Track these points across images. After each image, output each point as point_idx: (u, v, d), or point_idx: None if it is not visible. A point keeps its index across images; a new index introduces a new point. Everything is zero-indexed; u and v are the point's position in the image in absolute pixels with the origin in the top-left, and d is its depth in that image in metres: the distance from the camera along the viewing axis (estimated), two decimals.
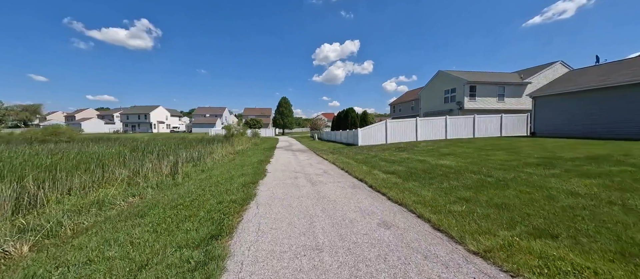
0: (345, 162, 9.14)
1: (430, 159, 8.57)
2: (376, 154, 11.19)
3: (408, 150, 11.81)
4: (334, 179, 6.44)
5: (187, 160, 12.73)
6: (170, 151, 16.24)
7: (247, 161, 11.20)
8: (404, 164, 8.06)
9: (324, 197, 4.76)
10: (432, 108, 27.71)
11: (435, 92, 27.60)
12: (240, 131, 38.11)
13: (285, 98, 63.79)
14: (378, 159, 9.46)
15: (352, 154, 11.89)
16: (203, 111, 75.89)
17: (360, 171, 7.30)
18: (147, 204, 5.31)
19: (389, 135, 16.96)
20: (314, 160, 10.81)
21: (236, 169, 8.84)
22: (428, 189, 4.93)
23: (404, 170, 6.98)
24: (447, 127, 17.63)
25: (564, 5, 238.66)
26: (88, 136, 40.25)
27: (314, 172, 7.57)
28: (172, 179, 8.29)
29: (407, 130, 17.27)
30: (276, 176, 7.11)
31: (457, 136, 17.77)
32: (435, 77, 27.48)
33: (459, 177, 5.75)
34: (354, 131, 18.42)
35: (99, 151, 13.19)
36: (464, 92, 23.12)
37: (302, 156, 12.52)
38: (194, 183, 7.20)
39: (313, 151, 15.63)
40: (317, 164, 9.39)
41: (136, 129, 70.11)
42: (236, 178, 6.96)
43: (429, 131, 17.50)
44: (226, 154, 15.63)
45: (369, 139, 16.95)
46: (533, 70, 25.37)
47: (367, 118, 25.63)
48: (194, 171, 10.06)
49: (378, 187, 5.23)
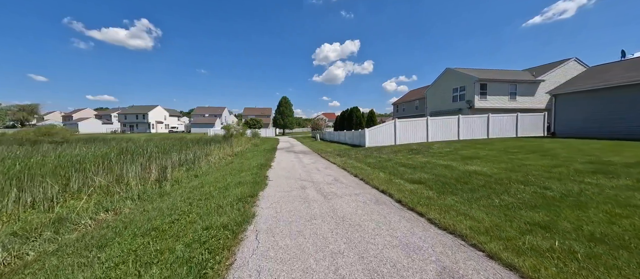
0: (357, 168, 8.02)
1: (456, 164, 7.44)
2: (389, 157, 10.07)
3: (423, 152, 10.69)
4: (350, 190, 5.32)
5: (181, 163, 11.66)
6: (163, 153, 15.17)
7: (245, 164, 10.08)
8: (427, 170, 6.93)
9: (343, 219, 3.64)
10: (440, 107, 26.58)
11: (442, 90, 26.47)
12: (239, 131, 37.07)
13: (285, 98, 62.65)
14: (394, 164, 8.33)
15: (362, 157, 10.77)
16: (202, 110, 74.75)
17: (378, 179, 6.18)
18: (117, 226, 4.20)
19: (398, 136, 15.84)
20: (320, 164, 9.69)
21: (233, 175, 7.73)
22: (478, 208, 3.81)
23: (431, 178, 5.86)
24: (459, 127, 16.51)
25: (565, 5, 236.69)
26: (83, 136, 39.14)
27: (324, 180, 6.46)
28: (158, 187, 7.17)
29: (417, 130, 16.14)
30: (279, 186, 5.99)
31: (470, 136, 16.65)
32: (443, 75, 26.36)
33: (507, 189, 4.63)
34: (361, 132, 17.30)
35: (82, 153, 12.05)
36: (474, 90, 21.99)
37: (307, 159, 11.40)
38: (183, 194, 6.08)
39: (317, 152, 14.52)
40: (325, 170, 8.27)
41: (134, 129, 68.96)
42: (232, 188, 5.84)
43: (441, 132, 16.38)
44: (224, 156, 14.54)
45: (377, 140, 15.83)
46: (546, 67, 24.25)
47: (374, 118, 24.23)
48: (187, 176, 8.95)
49: (410, 204, 4.10)
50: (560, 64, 23.41)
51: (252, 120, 59.41)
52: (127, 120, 69.82)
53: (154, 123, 70.27)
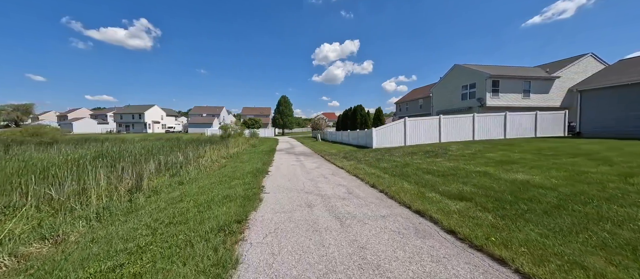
0: (372, 175, 6.66)
1: (495, 171, 6.09)
2: (405, 160, 8.72)
3: (442, 155, 9.34)
4: (373, 210, 3.96)
5: (168, 167, 10.31)
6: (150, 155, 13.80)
7: (239, 169, 8.71)
8: (463, 179, 5.58)
9: (378, 269, 2.28)
10: (447, 106, 25.26)
11: (450, 88, 25.14)
12: (237, 132, 35.69)
13: (285, 97, 61.24)
14: (415, 170, 6.97)
15: (373, 160, 9.41)
16: (200, 110, 73.30)
17: (404, 191, 4.82)
18: (40, 270, 2.84)
19: (409, 136, 14.50)
20: (326, 169, 8.33)
21: (222, 185, 6.36)
22: (585, 249, 2.45)
23: (476, 192, 4.50)
24: (475, 126, 15.17)
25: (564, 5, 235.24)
26: (76, 137, 37.70)
27: (335, 193, 5.09)
28: (128, 201, 5.80)
29: (429, 130, 14.80)
30: (278, 202, 4.62)
31: (486, 136, 15.32)
32: (451, 71, 25.03)
33: (599, 213, 3.27)
34: (367, 131, 15.94)
35: (49, 157, 10.65)
36: (486, 87, 20.67)
37: (310, 163, 10.04)
38: (153, 211, 4.72)
39: (320, 154, 13.16)
40: (333, 177, 6.91)
41: (130, 130, 67.43)
42: (216, 205, 4.48)
43: (454, 131, 15.04)
44: (217, 159, 13.18)
45: (385, 141, 14.47)
46: (560, 64, 22.94)
47: (381, 117, 22.69)
48: (170, 183, 7.59)
49: (473, 239, 2.74)
50: (576, 59, 22.12)
51: (250, 120, 58.02)
52: (123, 120, 68.28)
53: (151, 123, 68.76)
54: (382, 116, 22.57)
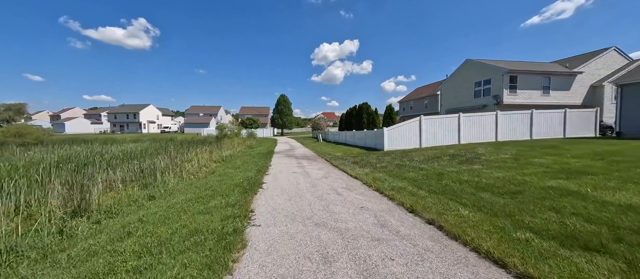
0: (403, 191, 4.92)
1: (579, 188, 4.38)
2: (434, 168, 7.00)
3: (476, 161, 7.63)
4: (433, 267, 2.23)
5: (147, 174, 8.57)
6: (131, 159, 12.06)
7: (227, 179, 6.98)
8: (539, 200, 3.85)
9: None
10: (458, 104, 23.56)
11: (461, 85, 23.45)
12: (234, 132, 33.91)
13: (284, 96, 59.44)
14: (457, 183, 5.25)
15: (393, 167, 7.69)
16: (196, 110, 71.41)
17: (469, 224, 3.10)
18: None
19: (425, 136, 12.79)
20: (335, 178, 6.60)
21: (197, 204, 4.63)
22: None
23: (604, 234, 2.79)
24: (498, 126, 13.49)
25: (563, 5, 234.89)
26: (64, 138, 35.83)
27: (360, 226, 3.36)
28: (60, 232, 4.04)
29: (447, 130, 13.10)
30: (272, 250, 2.88)
31: (510, 137, 13.64)
32: (462, 67, 23.34)
33: None
34: (377, 132, 14.21)
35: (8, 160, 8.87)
36: (503, 83, 18.98)
37: (314, 169, 8.30)
38: (75, 259, 2.98)
39: (325, 158, 11.42)
40: (349, 193, 5.18)
41: (124, 130, 65.44)
42: (169, 255, 2.74)
43: (475, 131, 13.35)
44: (207, 163, 11.46)
45: (398, 142, 12.75)
46: (581, 58, 21.30)
47: (393, 115, 20.69)
48: (137, 198, 5.85)
49: None
50: (599, 54, 20.48)
51: (248, 119, 56.23)
52: (117, 120, 66.29)
53: (146, 123, 66.79)
54: (394, 115, 20.46)
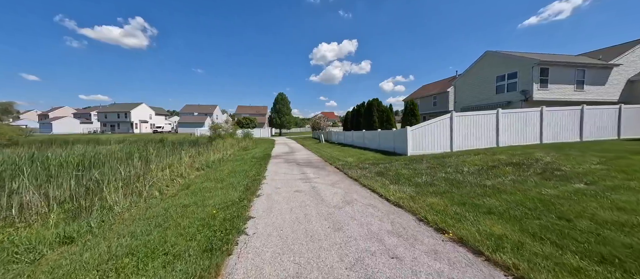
0: (523, 250, 2.51)
1: None
2: (516, 187, 4.59)
3: (559, 174, 5.25)
4: None
5: (96, 190, 6.17)
6: (92, 166, 9.60)
7: (196, 206, 4.52)
8: None
9: None
10: (476, 101, 21.22)
11: (480, 79, 21.11)
12: (229, 132, 31.37)
13: (282, 94, 56.92)
14: (582, 218, 2.85)
15: (442, 183, 5.27)
16: (191, 109, 68.61)
17: None
18: None
19: (456, 138, 10.41)
20: (365, 207, 4.18)
21: (134, 258, 2.17)
22: None
23: None
24: (543, 124, 11.15)
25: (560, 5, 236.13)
26: (47, 138, 33.09)
27: None
28: None
29: (483, 129, 10.75)
30: None
31: (556, 138, 11.31)
32: (481, 60, 21.00)
33: None
34: (397, 132, 11.78)
35: None
36: (532, 77, 16.66)
37: (325, 186, 5.85)
38: None
39: (335, 166, 8.97)
40: (407, 248, 2.75)
41: (115, 130, 62.52)
42: None
43: (514, 131, 11.01)
44: (187, 171, 9.05)
45: (425, 145, 10.36)
46: (616, 50, 19.06)
47: (416, 112, 17.16)
48: (46, 239, 3.39)
49: None
50: (636, 45, 18.24)
51: (245, 119, 53.60)
52: (108, 119, 63.33)
53: (138, 122, 63.91)
54: (417, 111, 17.22)
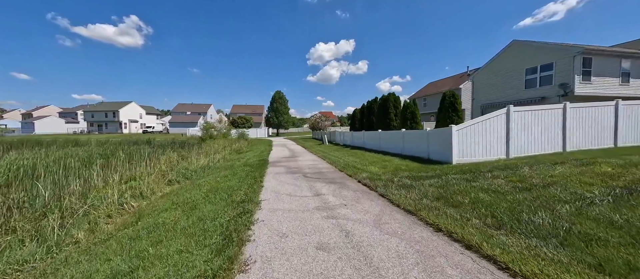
0: None
1: None
2: None
3: None
4: None
5: None
6: (38, 177, 6.99)
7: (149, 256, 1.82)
8: None
9: None
10: (500, 97, 18.81)
11: (504, 73, 18.72)
12: (222, 132, 28.59)
13: (280, 92, 54.15)
14: None
15: (603, 233, 2.72)
16: (183, 108, 65.45)
17: None
18: None
19: (514, 140, 7.89)
20: None
21: None
22: None
23: None
24: (618, 123, 8.70)
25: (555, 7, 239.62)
26: (22, 138, 29.99)
27: None
28: None
29: (548, 129, 8.24)
30: None
31: (636, 140, 8.86)
32: (507, 51, 18.60)
33: None
34: (434, 133, 9.19)
35: None
36: (574, 68, 14.28)
37: (363, 227, 3.22)
38: None
39: (359, 179, 6.34)
40: None
41: (103, 129, 59.16)
42: None
43: (583, 131, 8.53)
44: (150, 188, 6.43)
45: (473, 149, 7.79)
46: None
47: (457, 104, 12.33)
48: None
49: None
50: None
51: (240, 118, 50.75)
52: (95, 119, 59.90)
53: (127, 122, 60.63)
54: (459, 103, 12.34)
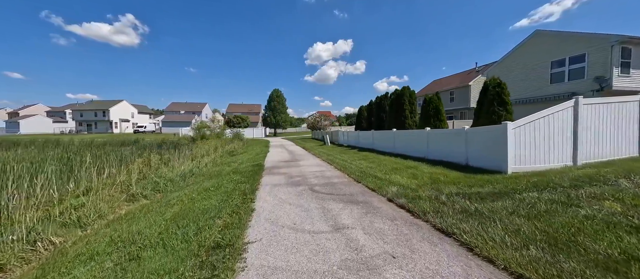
0: None
1: None
2: None
3: None
4: None
5: None
6: None
7: None
8: None
9: None
10: (521, 94, 17.09)
11: (525, 67, 17.03)
12: (216, 132, 26.59)
13: (277, 91, 52.22)
14: None
15: None
16: (177, 107, 63.16)
17: None
18: None
19: (583, 141, 6.11)
20: None
21: None
22: None
23: None
24: None
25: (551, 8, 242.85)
26: (1, 139, 27.75)
27: None
28: None
29: (622, 127, 6.48)
30: None
31: None
32: (528, 43, 16.91)
33: None
34: (481, 131, 7.33)
35: None
36: (611, 59, 12.61)
37: None
38: None
39: (390, 198, 4.51)
40: None
41: (92, 129, 56.67)
42: None
43: None
44: (109, 206, 4.42)
45: (532, 153, 5.99)
46: None
47: (505, 94, 8.96)
48: None
49: None
50: None
51: (236, 117, 48.70)
52: (84, 118, 57.36)
53: (118, 121, 58.20)
54: (507, 94, 9.18)
